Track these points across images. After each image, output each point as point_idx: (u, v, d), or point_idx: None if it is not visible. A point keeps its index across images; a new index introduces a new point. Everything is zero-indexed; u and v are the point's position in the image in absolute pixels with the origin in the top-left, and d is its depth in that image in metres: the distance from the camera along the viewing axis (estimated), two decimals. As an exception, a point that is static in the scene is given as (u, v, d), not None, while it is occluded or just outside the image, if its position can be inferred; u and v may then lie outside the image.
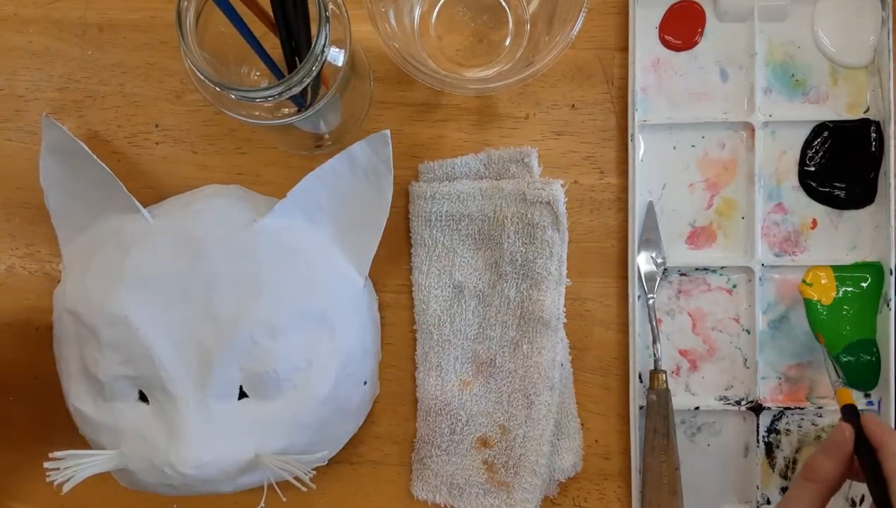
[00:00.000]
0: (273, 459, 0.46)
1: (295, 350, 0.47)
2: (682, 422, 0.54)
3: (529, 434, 0.52)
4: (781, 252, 0.55)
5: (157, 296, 0.46)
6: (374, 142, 0.49)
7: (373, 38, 0.47)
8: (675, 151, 0.55)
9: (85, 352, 0.48)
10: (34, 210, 0.55)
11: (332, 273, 0.50)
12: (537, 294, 0.53)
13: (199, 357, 0.46)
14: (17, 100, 0.56)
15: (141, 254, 0.47)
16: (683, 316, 0.55)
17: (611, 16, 0.55)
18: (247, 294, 0.46)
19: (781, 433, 0.54)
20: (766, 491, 0.54)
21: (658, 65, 0.55)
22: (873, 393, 0.54)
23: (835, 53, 0.54)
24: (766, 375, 0.54)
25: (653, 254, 0.54)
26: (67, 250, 0.51)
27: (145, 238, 0.48)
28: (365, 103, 0.54)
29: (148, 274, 0.47)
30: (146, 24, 0.55)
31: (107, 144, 0.55)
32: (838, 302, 0.54)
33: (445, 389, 0.53)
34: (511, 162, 0.54)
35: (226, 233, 0.48)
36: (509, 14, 0.53)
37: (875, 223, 0.54)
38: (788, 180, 0.55)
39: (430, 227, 0.54)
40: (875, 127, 0.54)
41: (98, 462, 0.46)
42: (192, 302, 0.46)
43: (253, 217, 0.49)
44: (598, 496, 0.55)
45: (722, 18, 0.55)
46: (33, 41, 0.56)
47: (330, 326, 0.48)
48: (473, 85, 0.50)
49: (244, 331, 0.46)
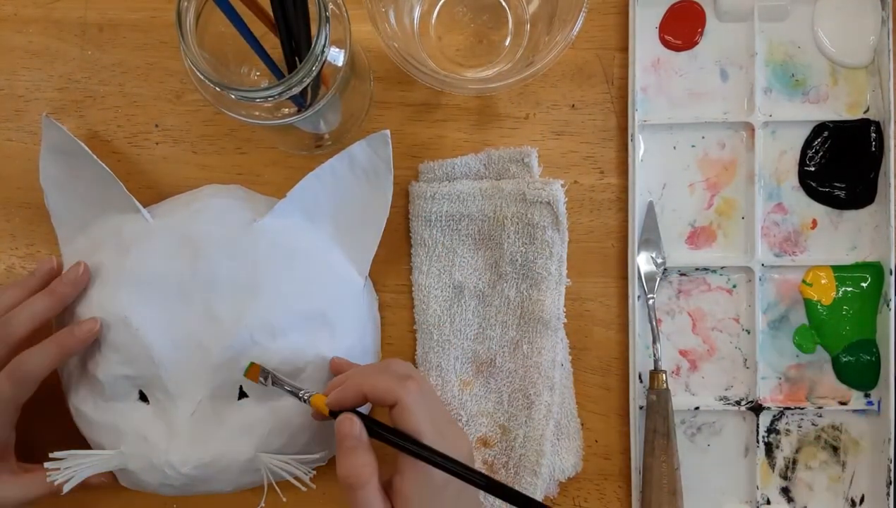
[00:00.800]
0: (273, 459, 0.46)
1: (295, 350, 0.47)
2: (682, 422, 0.54)
3: (529, 434, 0.52)
4: (781, 252, 0.55)
5: (157, 296, 0.46)
6: (374, 142, 0.49)
7: (373, 38, 0.47)
8: (675, 151, 0.55)
9: (85, 352, 0.48)
10: (34, 210, 0.55)
11: (333, 273, 0.50)
12: (537, 294, 0.53)
13: (199, 357, 0.46)
14: (17, 100, 0.56)
15: (141, 254, 0.47)
16: (683, 316, 0.55)
17: (611, 16, 0.55)
18: (247, 294, 0.46)
19: (781, 433, 0.54)
20: (766, 491, 0.54)
21: (658, 65, 0.55)
22: (873, 393, 0.54)
23: (835, 53, 0.54)
24: (766, 375, 0.54)
25: (653, 254, 0.54)
26: (67, 250, 0.51)
27: (145, 238, 0.48)
28: (365, 103, 0.54)
29: (148, 275, 0.47)
30: (146, 24, 0.55)
31: (107, 144, 0.55)
32: (838, 302, 0.54)
33: (445, 389, 0.53)
34: (511, 162, 0.54)
35: (226, 232, 0.48)
36: (509, 14, 0.53)
37: (875, 223, 0.54)
38: (788, 180, 0.55)
39: (430, 227, 0.54)
40: (875, 127, 0.54)
41: (98, 461, 0.46)
42: (191, 302, 0.46)
43: (253, 217, 0.49)
44: (598, 496, 0.55)
45: (722, 18, 0.55)
46: (33, 41, 0.56)
47: (330, 326, 0.48)
48: (473, 85, 0.50)
49: (244, 331, 0.46)
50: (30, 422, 0.48)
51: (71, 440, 0.50)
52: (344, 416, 0.41)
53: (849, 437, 0.54)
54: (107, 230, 0.50)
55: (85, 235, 0.51)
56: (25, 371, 0.45)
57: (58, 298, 0.47)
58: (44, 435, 0.50)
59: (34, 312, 0.47)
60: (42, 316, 0.47)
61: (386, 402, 0.41)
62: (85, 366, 0.48)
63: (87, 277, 0.48)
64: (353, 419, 0.41)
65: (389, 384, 0.41)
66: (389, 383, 0.41)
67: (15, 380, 0.45)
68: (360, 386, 0.42)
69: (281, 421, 0.47)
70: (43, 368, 0.45)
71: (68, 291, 0.48)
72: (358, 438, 0.41)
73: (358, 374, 0.43)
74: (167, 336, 0.46)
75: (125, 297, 0.46)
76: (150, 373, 0.46)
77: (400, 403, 0.40)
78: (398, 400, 0.40)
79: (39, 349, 0.46)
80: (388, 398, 0.41)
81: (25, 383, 0.45)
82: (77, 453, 0.46)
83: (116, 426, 0.47)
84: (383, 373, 0.42)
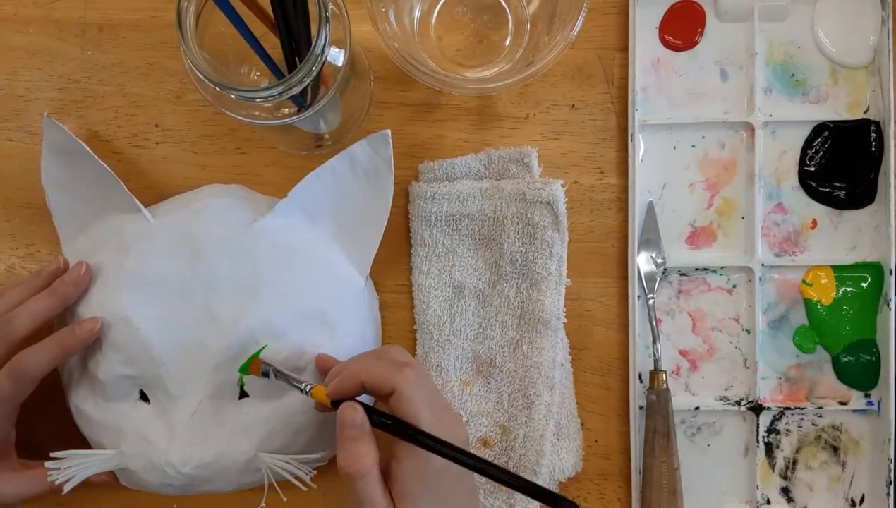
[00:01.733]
0: (274, 459, 0.46)
1: (295, 350, 0.47)
2: (682, 422, 0.54)
3: (529, 434, 0.52)
4: (781, 252, 0.55)
5: (158, 296, 0.46)
6: (374, 142, 0.49)
7: (373, 38, 0.47)
8: (675, 151, 0.55)
9: (86, 352, 0.48)
10: (34, 210, 0.55)
11: (333, 272, 0.50)
12: (537, 294, 0.53)
13: (199, 357, 0.46)
14: (17, 100, 0.56)
15: (141, 254, 0.47)
16: (683, 316, 0.55)
17: (611, 16, 0.55)
18: (247, 294, 0.46)
19: (781, 433, 0.54)
20: (766, 491, 0.54)
21: (658, 65, 0.55)
22: (873, 393, 0.54)
23: (835, 53, 0.54)
24: (766, 375, 0.54)
25: (653, 254, 0.54)
26: (68, 250, 0.51)
27: (146, 238, 0.48)
28: (365, 103, 0.54)
29: (148, 275, 0.47)
30: (146, 24, 0.55)
31: (107, 144, 0.55)
32: (838, 302, 0.54)
33: (445, 389, 0.53)
34: (511, 162, 0.54)
35: (226, 233, 0.48)
36: (509, 14, 0.53)
37: (875, 223, 0.54)
38: (788, 180, 0.55)
39: (430, 227, 0.54)
40: (875, 127, 0.54)
41: (98, 461, 0.46)
42: (192, 302, 0.46)
43: (253, 217, 0.49)
44: (598, 496, 0.55)
45: (722, 18, 0.55)
46: (33, 41, 0.56)
47: (330, 326, 0.48)
48: (473, 85, 0.50)
49: (245, 332, 0.46)
50: (31, 421, 0.48)
51: (72, 439, 0.50)
52: (347, 405, 0.41)
53: (849, 437, 0.54)
54: (107, 230, 0.50)
55: (86, 235, 0.51)
56: (25, 369, 0.45)
57: (59, 298, 0.47)
58: (45, 434, 0.50)
59: (35, 311, 0.47)
60: (43, 315, 0.47)
61: (384, 390, 0.41)
62: (86, 366, 0.48)
63: (89, 278, 0.48)
64: (356, 407, 0.41)
65: (386, 372, 0.41)
66: (387, 371, 0.41)
67: (14, 378, 0.45)
68: (358, 374, 0.42)
69: (282, 421, 0.47)
70: (42, 366, 0.45)
71: (70, 291, 0.48)
72: (360, 427, 0.41)
73: (355, 362, 0.43)
74: (168, 335, 0.46)
75: (126, 297, 0.46)
76: (151, 373, 0.46)
77: (397, 391, 0.40)
78: (395, 388, 0.40)
79: (39, 347, 0.46)
80: (386, 386, 0.41)
81: (24, 381, 0.45)
82: (78, 453, 0.46)
83: (117, 426, 0.47)
84: (380, 361, 0.43)
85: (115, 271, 0.47)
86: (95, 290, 0.48)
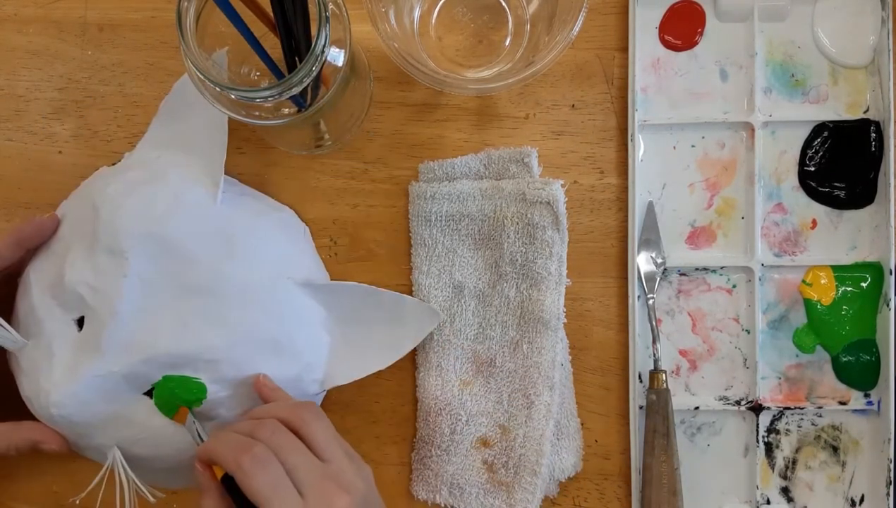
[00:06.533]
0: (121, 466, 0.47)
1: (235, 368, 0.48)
2: (682, 422, 0.54)
3: (529, 434, 0.52)
4: (781, 252, 0.55)
5: (161, 269, 0.46)
6: None
7: (373, 38, 0.47)
8: (675, 151, 0.55)
9: (74, 245, 0.48)
10: (34, 210, 0.55)
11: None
12: (537, 294, 0.53)
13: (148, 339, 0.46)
14: (17, 100, 0.56)
15: (178, 220, 0.47)
16: (683, 316, 0.55)
17: (611, 16, 0.55)
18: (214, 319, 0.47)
19: (781, 433, 0.54)
20: (766, 491, 0.54)
21: (658, 65, 0.55)
22: (873, 393, 0.54)
23: (835, 53, 0.54)
24: (765, 375, 0.54)
25: (653, 254, 0.54)
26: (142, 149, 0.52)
27: (181, 211, 0.48)
28: (365, 103, 0.54)
29: (172, 241, 0.47)
30: (146, 24, 0.55)
31: (107, 144, 0.55)
32: (838, 302, 0.54)
33: (445, 389, 0.53)
34: (511, 162, 0.54)
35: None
36: (509, 14, 0.53)
37: (875, 223, 0.54)
38: (788, 180, 0.55)
39: (430, 227, 0.54)
40: (875, 127, 0.54)
41: (4, 338, 0.47)
42: (183, 298, 0.47)
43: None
44: (598, 496, 0.55)
45: (722, 18, 0.55)
46: (33, 41, 0.56)
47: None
48: (473, 85, 0.50)
49: (200, 348, 0.47)
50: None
51: None
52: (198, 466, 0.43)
53: (849, 437, 0.54)
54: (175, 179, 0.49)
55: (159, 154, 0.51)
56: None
57: (14, 235, 0.48)
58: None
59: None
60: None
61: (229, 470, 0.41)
62: (63, 257, 0.48)
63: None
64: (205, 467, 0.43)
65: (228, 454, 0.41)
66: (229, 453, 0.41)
67: None
68: (206, 451, 0.42)
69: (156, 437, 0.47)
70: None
71: (28, 230, 0.48)
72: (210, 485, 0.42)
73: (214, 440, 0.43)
74: (138, 303, 0.46)
75: (139, 245, 0.46)
76: (101, 315, 0.46)
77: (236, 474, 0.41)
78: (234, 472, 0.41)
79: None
80: (228, 468, 0.41)
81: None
82: None
83: (41, 324, 0.47)
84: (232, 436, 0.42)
85: (149, 215, 0.47)
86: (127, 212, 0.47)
